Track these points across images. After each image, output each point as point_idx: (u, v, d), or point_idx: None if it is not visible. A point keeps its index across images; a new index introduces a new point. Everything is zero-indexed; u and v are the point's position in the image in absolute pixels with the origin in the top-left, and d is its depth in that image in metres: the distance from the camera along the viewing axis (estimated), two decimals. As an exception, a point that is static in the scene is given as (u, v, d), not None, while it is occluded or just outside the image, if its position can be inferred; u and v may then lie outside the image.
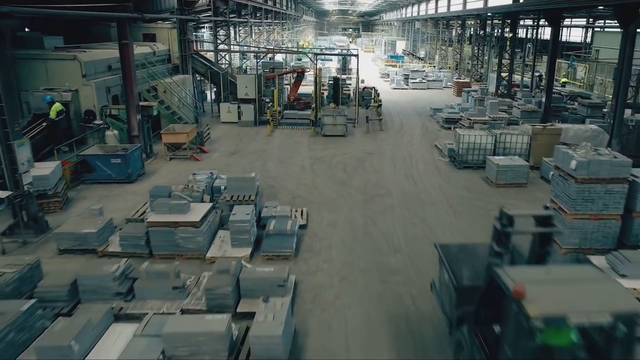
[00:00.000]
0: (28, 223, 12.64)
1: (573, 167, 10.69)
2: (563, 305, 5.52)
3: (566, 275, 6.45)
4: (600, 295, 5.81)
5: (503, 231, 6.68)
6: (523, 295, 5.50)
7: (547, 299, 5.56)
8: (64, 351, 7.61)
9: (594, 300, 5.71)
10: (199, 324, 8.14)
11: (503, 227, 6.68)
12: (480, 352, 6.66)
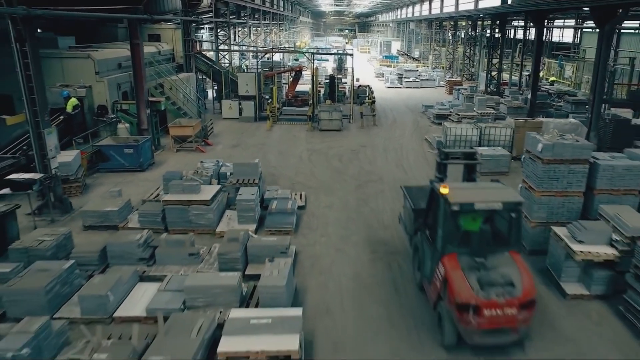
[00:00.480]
0: (55, 203, 14.06)
1: (539, 150, 12.18)
2: (471, 198, 8.89)
3: (479, 186, 10.46)
4: (498, 194, 9.18)
5: (442, 162, 10.48)
6: (447, 192, 8.78)
7: (462, 195, 8.91)
8: (102, 300, 9.06)
9: (493, 196, 9.07)
10: (214, 279, 9.62)
11: (442, 160, 10.49)
12: (427, 242, 9.99)
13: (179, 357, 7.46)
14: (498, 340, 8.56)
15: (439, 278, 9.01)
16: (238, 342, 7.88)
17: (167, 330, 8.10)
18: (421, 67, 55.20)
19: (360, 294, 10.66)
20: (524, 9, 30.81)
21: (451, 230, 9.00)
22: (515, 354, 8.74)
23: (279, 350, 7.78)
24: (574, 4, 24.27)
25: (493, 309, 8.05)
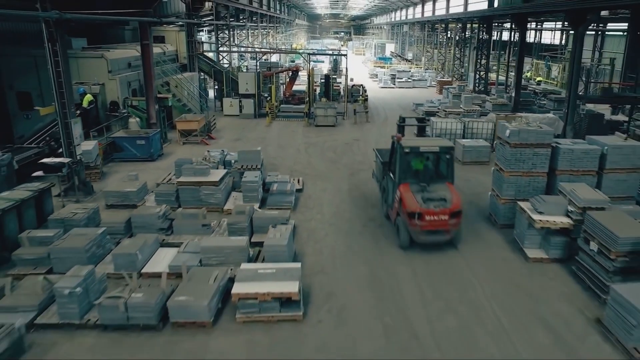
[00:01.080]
0: (79, 186, 15.74)
1: (507, 135, 13.94)
2: (418, 144, 13.02)
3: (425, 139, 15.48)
4: (437, 143, 13.51)
5: (400, 124, 15.25)
6: (401, 141, 12.85)
7: (411, 142, 13.10)
8: (132, 257, 10.77)
9: (433, 144, 13.42)
10: (226, 242, 11.37)
11: (400, 123, 15.28)
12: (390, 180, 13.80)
13: (199, 298, 9.18)
14: (436, 238, 12.57)
15: (397, 200, 12.95)
16: (248, 287, 9.59)
17: (189, 279, 9.83)
18: (414, 68, 57.01)
19: (349, 257, 12.40)
20: (507, 12, 32.59)
21: (404, 167, 13.00)
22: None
23: (282, 293, 9.49)
24: (549, 8, 26.05)
25: (431, 215, 12.08)
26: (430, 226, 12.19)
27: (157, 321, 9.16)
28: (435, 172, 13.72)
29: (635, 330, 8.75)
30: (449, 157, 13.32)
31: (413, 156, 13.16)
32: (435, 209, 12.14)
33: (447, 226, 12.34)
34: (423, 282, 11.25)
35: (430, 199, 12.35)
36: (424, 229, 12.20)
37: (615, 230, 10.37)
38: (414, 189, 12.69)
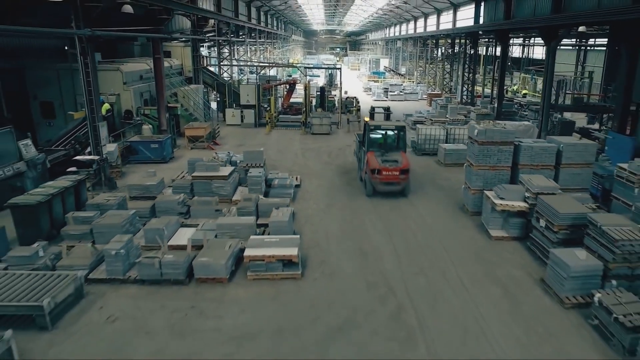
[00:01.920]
0: (105, 182, 18.03)
1: (476, 134, 16.30)
2: (380, 123, 20.11)
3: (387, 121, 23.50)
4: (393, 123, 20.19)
5: (371, 113, 25.14)
6: (368, 121, 19.54)
7: (376, 122, 20.37)
8: (159, 232, 13.00)
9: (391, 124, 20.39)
10: (237, 220, 13.68)
11: (371, 112, 25.21)
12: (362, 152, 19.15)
13: (218, 259, 11.46)
14: (391, 188, 18.04)
15: (365, 163, 18.38)
16: (256, 251, 11.87)
17: (208, 247, 12.12)
18: (406, 82, 59.55)
19: (340, 236, 14.71)
20: (490, 28, 35.17)
21: (370, 140, 18.86)
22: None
23: (284, 255, 11.78)
24: (525, 25, 28.61)
25: (386, 171, 17.52)
26: (386, 179, 17.70)
27: (184, 277, 11.45)
28: (392, 143, 19.41)
29: (566, 282, 11.05)
30: (402, 134, 19.30)
31: (376, 132, 19.20)
32: (389, 167, 17.57)
33: (398, 179, 17.84)
34: (402, 255, 13.54)
35: (386, 160, 17.82)
36: (381, 181, 17.71)
37: (558, 208, 12.71)
38: (376, 154, 18.13)
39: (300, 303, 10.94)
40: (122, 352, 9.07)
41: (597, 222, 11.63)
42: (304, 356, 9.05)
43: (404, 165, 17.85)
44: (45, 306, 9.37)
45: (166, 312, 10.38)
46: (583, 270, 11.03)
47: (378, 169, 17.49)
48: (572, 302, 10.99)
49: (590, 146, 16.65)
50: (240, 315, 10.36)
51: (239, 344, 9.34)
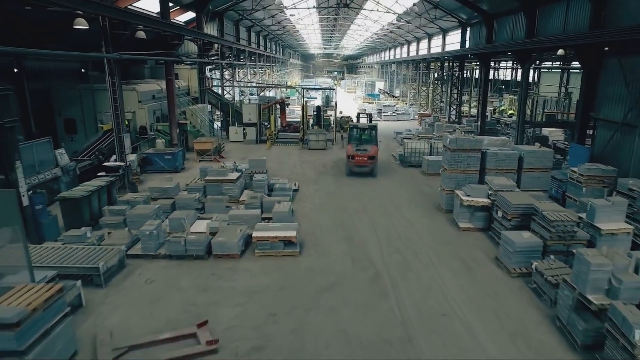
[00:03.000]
0: (128, 185, 20.74)
1: (448, 142, 19.11)
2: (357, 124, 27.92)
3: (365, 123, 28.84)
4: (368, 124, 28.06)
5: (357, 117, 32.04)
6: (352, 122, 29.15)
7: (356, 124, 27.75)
8: (181, 221, 15.69)
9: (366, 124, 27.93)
10: (245, 212, 16.41)
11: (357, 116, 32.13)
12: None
13: (231, 239, 14.17)
14: (361, 169, 24.96)
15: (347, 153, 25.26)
16: (262, 233, 14.60)
17: (222, 231, 14.83)
18: (400, 104, 62.60)
19: (332, 228, 17.42)
20: (474, 52, 38.25)
21: (351, 136, 26.39)
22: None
23: (285, 236, 14.50)
24: (502, 49, 31.65)
25: (358, 157, 24.69)
26: (357, 163, 24.91)
27: (204, 253, 14.19)
28: (366, 138, 26.29)
29: (512, 255, 13.77)
30: (374, 131, 26.59)
31: (354, 129, 26.61)
32: (360, 154, 24.80)
33: (366, 163, 24.91)
34: (383, 242, 16.25)
35: (359, 149, 25.09)
36: (355, 164, 24.97)
37: (511, 200, 15.47)
38: (353, 146, 25.38)
39: (298, 271, 13.64)
40: (161, 301, 11.76)
41: (539, 209, 14.41)
42: (301, 305, 11.71)
43: (371, 153, 24.91)
44: (101, 267, 12.08)
45: (191, 277, 13.09)
46: (526, 246, 13.75)
47: (352, 155, 24.87)
48: (517, 271, 13.71)
49: (547, 153, 19.51)
50: (250, 279, 13.07)
51: (250, 296, 12.03)
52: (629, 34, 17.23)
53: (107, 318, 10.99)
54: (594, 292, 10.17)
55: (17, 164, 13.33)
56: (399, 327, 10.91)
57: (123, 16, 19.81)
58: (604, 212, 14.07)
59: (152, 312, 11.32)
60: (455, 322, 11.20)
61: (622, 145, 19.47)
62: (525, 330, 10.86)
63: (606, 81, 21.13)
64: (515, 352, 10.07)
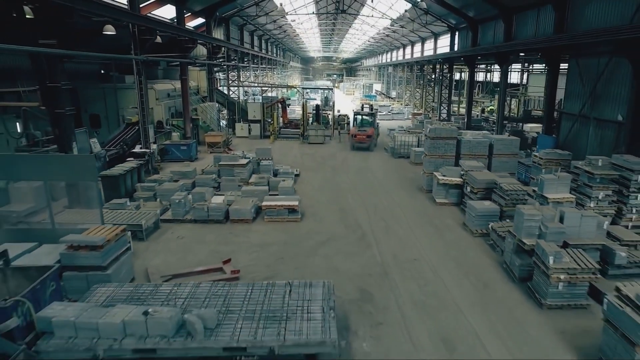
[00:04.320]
0: (151, 170, 23.88)
1: (428, 131, 22.29)
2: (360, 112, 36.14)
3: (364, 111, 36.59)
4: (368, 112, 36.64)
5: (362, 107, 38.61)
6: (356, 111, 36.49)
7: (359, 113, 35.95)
8: (202, 195, 18.84)
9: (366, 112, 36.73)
10: (255, 188, 19.56)
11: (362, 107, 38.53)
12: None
13: (245, 206, 17.35)
14: (361, 145, 33.45)
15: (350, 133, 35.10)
16: (270, 203, 17.76)
17: (236, 202, 17.99)
18: (395, 105, 65.82)
19: (328, 203, 20.56)
20: (461, 54, 41.45)
21: (354, 120, 36.73)
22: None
23: (289, 205, 17.67)
24: (483, 51, 34.82)
25: (359, 135, 33.19)
26: (357, 140, 33.10)
27: (223, 218, 17.36)
28: (366, 122, 34.72)
29: (474, 219, 16.91)
30: (372, 118, 35.39)
31: (358, 115, 35.22)
32: (360, 133, 32.88)
33: (364, 140, 32.96)
34: (370, 213, 19.41)
35: (360, 130, 33.34)
36: (356, 141, 33.12)
37: (477, 177, 18.62)
38: (357, 127, 33.76)
39: (299, 232, 16.83)
40: (191, 250, 14.93)
41: (498, 182, 17.59)
42: (302, 253, 14.87)
43: (369, 133, 33.45)
44: (143, 224, 15.26)
45: (214, 235, 16.28)
46: (486, 211, 16.90)
47: (354, 134, 33.64)
48: (478, 232, 16.85)
49: (514, 141, 22.71)
50: (261, 236, 16.26)
51: (262, 247, 15.21)
52: (582, 38, 20.42)
53: (151, 260, 14.17)
54: (528, 237, 13.31)
55: (73, 145, 16.47)
56: (379, 266, 14.08)
57: (150, 24, 22.99)
58: (551, 184, 17.12)
59: (185, 257, 14.49)
60: (423, 264, 14.35)
61: (580, 133, 22.71)
62: (478, 271, 14.00)
63: (568, 80, 24.39)
64: (467, 283, 13.20)
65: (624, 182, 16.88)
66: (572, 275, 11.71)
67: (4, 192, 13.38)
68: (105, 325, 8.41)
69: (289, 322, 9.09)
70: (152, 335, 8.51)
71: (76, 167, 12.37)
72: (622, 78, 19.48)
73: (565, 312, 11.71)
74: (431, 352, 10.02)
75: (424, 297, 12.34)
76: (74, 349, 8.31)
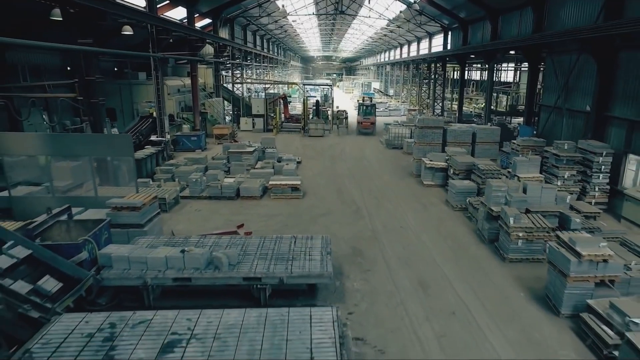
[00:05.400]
0: (165, 157, 26.29)
1: (417, 122, 24.73)
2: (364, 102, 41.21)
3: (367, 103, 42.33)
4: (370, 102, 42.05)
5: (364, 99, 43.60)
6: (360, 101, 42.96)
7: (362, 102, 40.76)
8: (216, 176, 21.24)
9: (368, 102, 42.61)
10: (262, 171, 21.99)
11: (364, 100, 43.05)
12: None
13: (254, 185, 19.78)
14: (365, 130, 40.91)
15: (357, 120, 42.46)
16: (276, 182, 20.19)
17: (246, 182, 20.42)
18: (393, 102, 68.24)
19: (326, 185, 22.97)
20: (451, 53, 43.90)
21: (359, 110, 42.31)
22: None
23: (292, 184, 20.13)
24: (472, 50, 37.24)
25: (363, 122, 40.82)
26: (362, 126, 40.99)
27: (235, 195, 19.78)
28: (368, 112, 41.01)
29: (455, 195, 19.34)
30: (374, 108, 41.55)
31: (362, 106, 41.38)
32: (364, 121, 40.76)
33: (368, 126, 40.86)
34: (365, 194, 21.83)
35: (364, 118, 40.71)
36: (361, 127, 40.91)
37: (459, 160, 21.04)
38: (361, 116, 41.09)
39: (301, 206, 19.27)
40: (208, 219, 17.38)
41: (476, 163, 20.01)
42: (304, 222, 17.30)
43: (371, 120, 40.65)
44: (167, 198, 17.70)
45: (227, 208, 18.72)
46: (464, 188, 19.31)
47: (360, 121, 41.20)
48: (458, 207, 19.26)
49: (495, 130, 25.19)
50: (268, 209, 18.71)
51: (269, 217, 17.65)
52: (550, 38, 22.88)
53: (175, 226, 16.60)
54: (496, 205, 15.71)
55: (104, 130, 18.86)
56: (370, 232, 16.52)
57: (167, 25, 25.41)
58: (523, 165, 19.56)
59: (204, 224, 16.92)
60: (408, 231, 16.78)
61: (555, 123, 25.11)
62: (454, 236, 16.43)
63: (546, 75, 26.82)
64: (444, 245, 15.62)
65: (587, 164, 19.36)
66: (529, 234, 14.13)
67: (47, 170, 15.71)
68: (152, 259, 10.85)
69: (294, 262, 11.51)
70: (187, 268, 10.95)
71: (116, 144, 14.85)
72: (589, 73, 21.84)
73: (524, 264, 14.11)
74: (409, 290, 12.43)
75: (406, 254, 14.77)
76: (129, 277, 10.76)
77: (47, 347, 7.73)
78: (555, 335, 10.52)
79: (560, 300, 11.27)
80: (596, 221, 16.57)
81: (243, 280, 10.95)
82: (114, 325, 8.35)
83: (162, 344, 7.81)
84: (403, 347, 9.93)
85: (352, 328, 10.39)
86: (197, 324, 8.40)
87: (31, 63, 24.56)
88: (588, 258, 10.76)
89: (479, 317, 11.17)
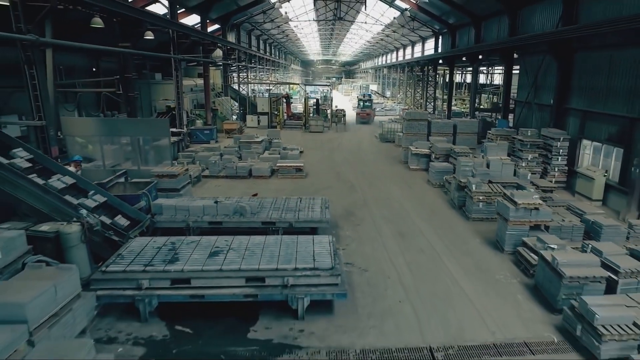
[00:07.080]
0: (183, 147, 29.77)
1: (404, 115, 28.23)
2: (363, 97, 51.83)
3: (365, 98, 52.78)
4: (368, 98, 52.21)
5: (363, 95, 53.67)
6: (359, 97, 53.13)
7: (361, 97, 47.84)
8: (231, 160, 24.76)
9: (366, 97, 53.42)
10: (270, 156, 25.52)
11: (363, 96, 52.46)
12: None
13: (263, 166, 23.32)
14: (363, 120, 49.98)
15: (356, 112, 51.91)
16: (282, 164, 23.73)
17: (257, 164, 23.94)
18: (389, 102, 71.84)
19: (326, 170, 26.46)
20: (440, 56, 47.47)
21: (359, 103, 53.23)
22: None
23: (296, 165, 23.68)
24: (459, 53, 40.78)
25: (362, 114, 50.03)
26: (361, 117, 50.06)
27: (248, 174, 23.32)
28: (366, 105, 51.73)
29: (434, 174, 22.84)
30: (371, 103, 52.87)
31: (361, 101, 52.71)
32: (362, 112, 50.32)
33: (365, 117, 50.01)
34: (359, 176, 25.34)
35: (362, 110, 50.62)
36: (360, 118, 50.17)
37: (439, 146, 24.55)
38: (360, 108, 50.98)
39: (304, 183, 22.79)
40: (227, 192, 20.81)
41: (453, 148, 23.55)
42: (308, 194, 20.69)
43: (368, 112, 49.98)
44: (192, 174, 21.18)
45: (242, 185, 22.23)
46: (442, 169, 22.81)
47: (359, 113, 50.29)
48: (437, 184, 22.76)
49: (474, 122, 28.72)
50: (276, 186, 22.23)
51: (278, 191, 21.16)
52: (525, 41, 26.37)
53: (200, 195, 20.11)
54: (464, 177, 19.20)
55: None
56: (361, 201, 20.05)
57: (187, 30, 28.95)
58: (493, 149, 22.97)
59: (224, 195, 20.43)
60: (393, 201, 20.29)
61: (527, 116, 28.60)
62: (431, 204, 19.93)
63: (519, 74, 30.34)
64: (422, 210, 19.11)
65: (548, 148, 22.87)
66: (487, 197, 17.63)
67: (100, 149, 19.18)
68: (193, 207, 14.41)
69: (300, 212, 15.04)
70: (219, 214, 14.48)
71: (155, 126, 18.41)
72: (553, 71, 25.34)
73: (484, 222, 17.55)
74: (389, 237, 15.94)
75: (390, 215, 18.29)
76: (175, 220, 14.31)
77: (131, 253, 11.21)
78: (498, 263, 14.01)
79: (503, 241, 14.75)
80: (552, 194, 20.02)
81: (262, 224, 14.47)
82: (174, 243, 11.85)
83: (210, 252, 11.29)
84: (381, 269, 13.44)
85: (344, 257, 13.89)
86: (232, 242, 11.89)
87: (65, 64, 28.06)
88: (523, 206, 14.26)
89: (442, 253, 14.67)
